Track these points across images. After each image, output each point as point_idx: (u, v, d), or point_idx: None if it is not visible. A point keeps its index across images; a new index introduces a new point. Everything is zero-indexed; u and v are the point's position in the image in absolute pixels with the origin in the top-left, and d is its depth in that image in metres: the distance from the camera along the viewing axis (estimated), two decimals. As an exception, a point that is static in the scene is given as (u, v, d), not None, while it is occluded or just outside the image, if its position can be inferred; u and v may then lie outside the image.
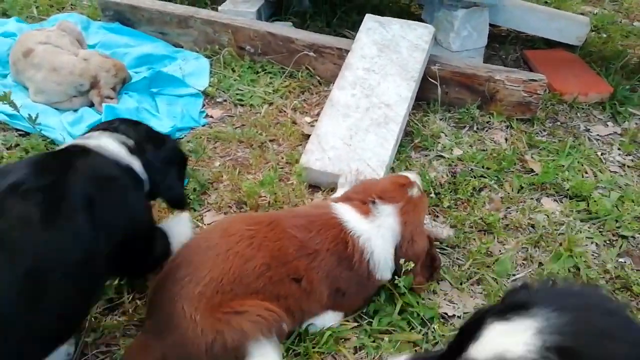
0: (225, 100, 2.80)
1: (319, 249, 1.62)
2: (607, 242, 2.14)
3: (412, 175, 1.96)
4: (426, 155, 2.51)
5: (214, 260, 1.50)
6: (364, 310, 1.78)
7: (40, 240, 1.25)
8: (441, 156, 2.51)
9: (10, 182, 1.29)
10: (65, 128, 2.39)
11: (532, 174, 2.46)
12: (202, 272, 1.47)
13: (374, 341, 1.68)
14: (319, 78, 2.95)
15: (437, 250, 2.00)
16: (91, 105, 2.56)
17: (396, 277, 1.74)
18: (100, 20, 3.26)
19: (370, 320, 1.75)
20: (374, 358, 1.64)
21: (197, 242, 1.61)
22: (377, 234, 1.70)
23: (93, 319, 1.68)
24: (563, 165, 2.49)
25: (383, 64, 2.62)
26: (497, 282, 1.92)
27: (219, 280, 1.46)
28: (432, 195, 2.24)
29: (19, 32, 2.89)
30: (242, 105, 2.77)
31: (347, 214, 1.71)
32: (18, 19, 3.15)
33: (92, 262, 1.35)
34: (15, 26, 3.01)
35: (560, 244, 2.08)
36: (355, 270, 1.66)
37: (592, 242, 2.13)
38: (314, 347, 1.63)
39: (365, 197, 1.76)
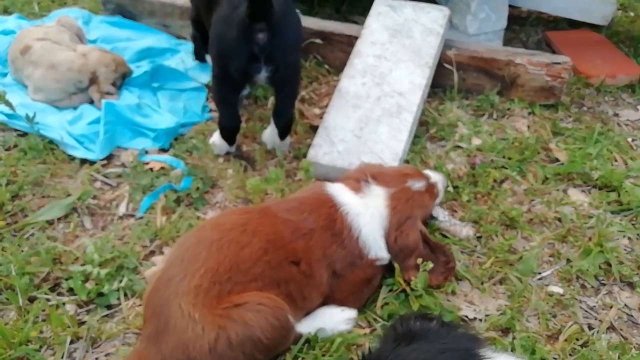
0: (229, 93, 2.69)
1: (314, 228, 1.58)
2: (641, 235, 1.99)
3: (435, 176, 1.90)
4: (443, 146, 2.37)
5: (207, 251, 1.42)
6: (378, 314, 1.66)
7: None
8: (459, 147, 2.37)
9: None
10: (64, 127, 2.30)
11: (557, 163, 2.30)
12: (196, 264, 1.39)
13: (388, 348, 1.57)
14: (328, 67, 2.82)
15: (456, 246, 1.89)
16: (91, 102, 2.47)
17: (412, 277, 1.64)
18: (101, 14, 3.18)
19: (385, 324, 1.63)
20: (388, 367, 1.52)
21: (187, 239, 1.52)
22: (365, 212, 1.67)
23: (92, 327, 1.60)
24: (591, 153, 2.32)
25: (395, 50, 2.47)
26: (521, 282, 1.78)
27: (215, 270, 1.38)
28: (450, 189, 2.10)
29: (18, 29, 2.81)
30: (246, 97, 2.65)
31: (338, 190, 1.70)
32: (19, 15, 3.09)
33: None
34: (14, 23, 2.94)
35: (590, 239, 1.93)
36: (347, 248, 1.61)
37: (624, 236, 1.97)
38: (323, 355, 1.51)
39: (360, 176, 1.75)
